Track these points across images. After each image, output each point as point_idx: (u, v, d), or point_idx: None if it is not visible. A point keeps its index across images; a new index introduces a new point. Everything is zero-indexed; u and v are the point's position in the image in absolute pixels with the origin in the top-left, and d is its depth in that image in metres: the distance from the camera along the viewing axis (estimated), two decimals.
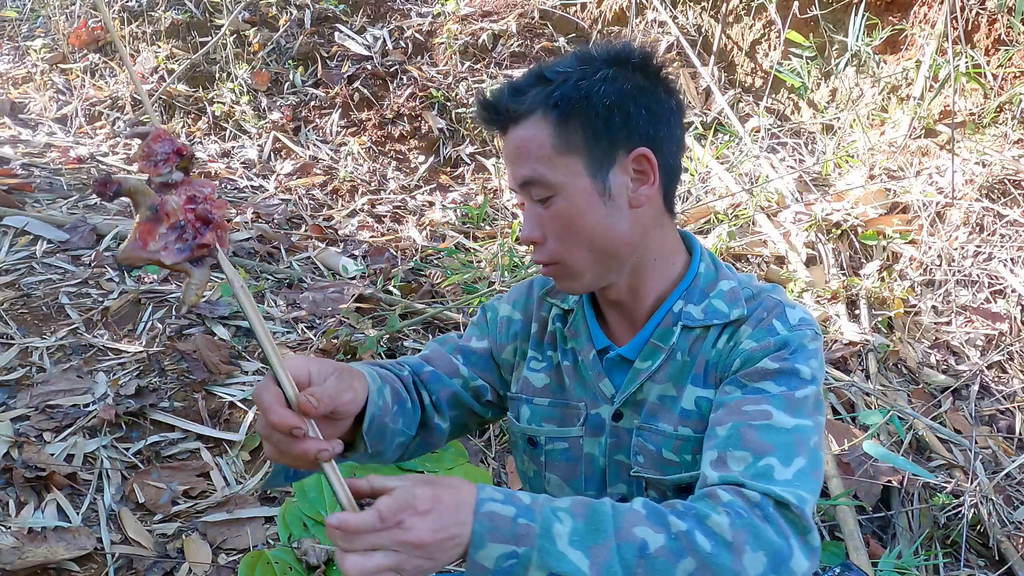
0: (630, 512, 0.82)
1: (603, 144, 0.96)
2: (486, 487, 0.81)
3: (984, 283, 3.10)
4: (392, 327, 2.41)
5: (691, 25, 4.56)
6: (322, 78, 4.47)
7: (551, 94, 0.96)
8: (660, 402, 1.03)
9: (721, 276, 1.06)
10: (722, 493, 0.85)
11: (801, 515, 0.85)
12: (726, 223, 3.33)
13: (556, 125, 0.96)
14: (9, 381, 2.01)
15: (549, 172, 0.97)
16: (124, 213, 3.19)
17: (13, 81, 4.62)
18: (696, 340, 1.02)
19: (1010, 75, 3.49)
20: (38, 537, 1.61)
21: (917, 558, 1.93)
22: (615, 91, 0.96)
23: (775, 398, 0.93)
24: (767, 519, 0.83)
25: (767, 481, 0.86)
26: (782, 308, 1.00)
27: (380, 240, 3.36)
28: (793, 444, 0.90)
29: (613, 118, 0.96)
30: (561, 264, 1.01)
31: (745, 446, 0.89)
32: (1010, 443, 2.53)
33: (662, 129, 0.99)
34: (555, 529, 0.78)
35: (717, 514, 0.82)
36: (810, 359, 0.96)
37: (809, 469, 0.89)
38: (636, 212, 0.99)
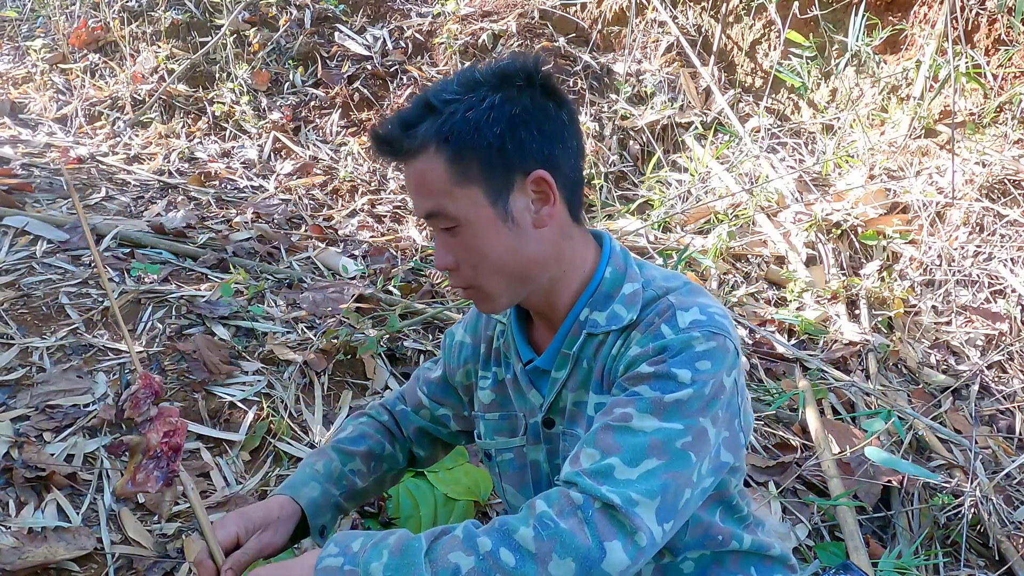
0: (450, 539, 0.89)
1: (499, 171, 0.97)
2: (331, 543, 0.93)
3: (984, 283, 3.10)
4: (392, 327, 2.41)
5: (691, 25, 4.56)
6: (322, 78, 4.47)
7: (441, 128, 0.96)
8: (576, 408, 1.07)
9: (628, 278, 1.06)
10: (540, 502, 0.89)
11: (627, 516, 0.86)
12: (726, 223, 3.33)
13: (450, 159, 0.96)
14: (9, 381, 2.01)
15: (450, 205, 0.98)
16: (124, 213, 3.19)
17: (13, 81, 4.62)
18: (599, 346, 1.05)
19: (1010, 75, 3.49)
20: (38, 537, 1.61)
21: (917, 558, 1.93)
22: (504, 118, 0.96)
23: (642, 401, 0.94)
24: (585, 521, 0.86)
25: (602, 480, 0.89)
26: (673, 311, 0.99)
27: (380, 240, 3.36)
28: (645, 447, 0.91)
29: (506, 146, 0.96)
30: (476, 288, 1.04)
31: (596, 445, 0.93)
32: (1010, 443, 2.53)
33: (556, 147, 1.00)
34: (372, 567, 0.88)
35: (525, 526, 0.86)
36: (695, 361, 0.95)
37: (660, 470, 0.90)
38: (541, 231, 1.01)
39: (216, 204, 3.47)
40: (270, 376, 2.21)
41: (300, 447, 2.02)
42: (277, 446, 2.01)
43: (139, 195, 3.46)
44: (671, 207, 3.64)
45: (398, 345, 2.49)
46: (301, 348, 2.34)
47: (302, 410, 2.15)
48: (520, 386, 1.14)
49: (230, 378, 2.17)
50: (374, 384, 2.33)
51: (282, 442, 2.02)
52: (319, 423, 2.12)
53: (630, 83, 4.44)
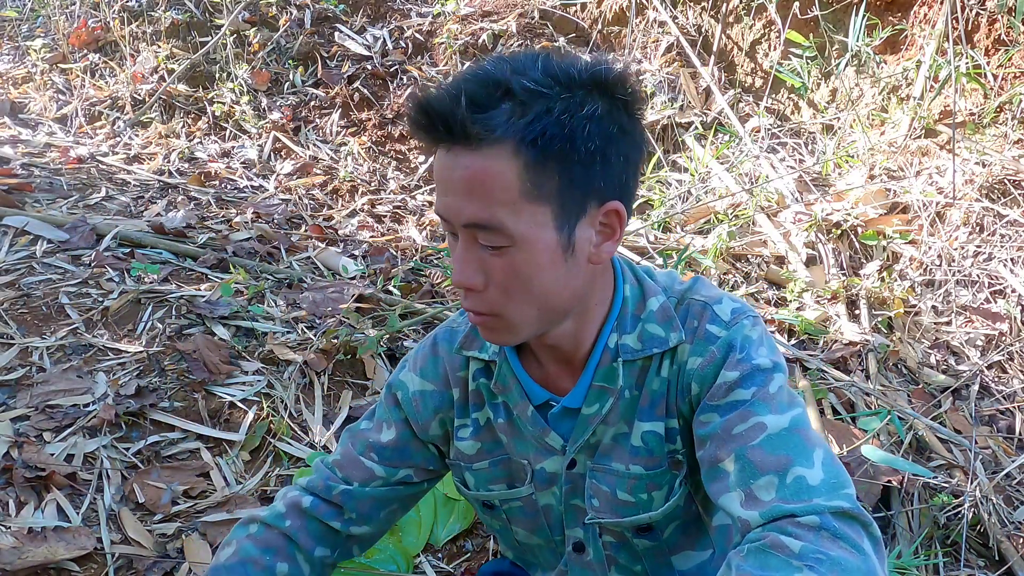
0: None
1: (577, 193, 0.82)
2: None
3: (984, 283, 3.10)
4: (392, 327, 2.41)
5: (691, 25, 4.56)
6: (322, 78, 4.47)
7: (529, 126, 0.78)
8: (614, 442, 0.98)
9: (647, 293, 0.97)
10: (784, 540, 0.76)
11: (858, 513, 0.79)
12: (726, 223, 3.33)
13: (530, 166, 0.79)
14: (9, 381, 2.01)
15: (511, 221, 0.81)
16: (124, 213, 3.19)
17: (13, 81, 4.62)
18: (640, 373, 0.95)
19: (1010, 75, 3.49)
20: (38, 537, 1.61)
21: (917, 558, 1.93)
22: (601, 134, 0.81)
23: (754, 404, 0.86)
24: (837, 537, 0.76)
25: (809, 495, 0.79)
26: (709, 309, 0.94)
27: (380, 240, 3.36)
28: (802, 441, 0.84)
29: (594, 166, 0.82)
30: (500, 317, 0.88)
31: (763, 470, 0.82)
32: (1010, 443, 2.53)
33: (633, 179, 0.88)
34: None
35: (801, 573, 0.74)
36: (760, 347, 0.91)
37: (828, 457, 0.83)
38: (596, 269, 0.90)
39: (216, 204, 3.47)
40: (270, 376, 2.21)
41: (300, 447, 2.02)
42: (277, 446, 2.01)
43: (139, 195, 3.46)
44: (671, 207, 3.64)
45: (398, 345, 2.49)
46: (301, 348, 2.34)
47: (302, 410, 2.16)
48: (523, 430, 1.00)
49: (230, 378, 2.17)
50: (374, 384, 2.33)
51: (282, 442, 2.02)
52: (319, 423, 2.12)
53: None
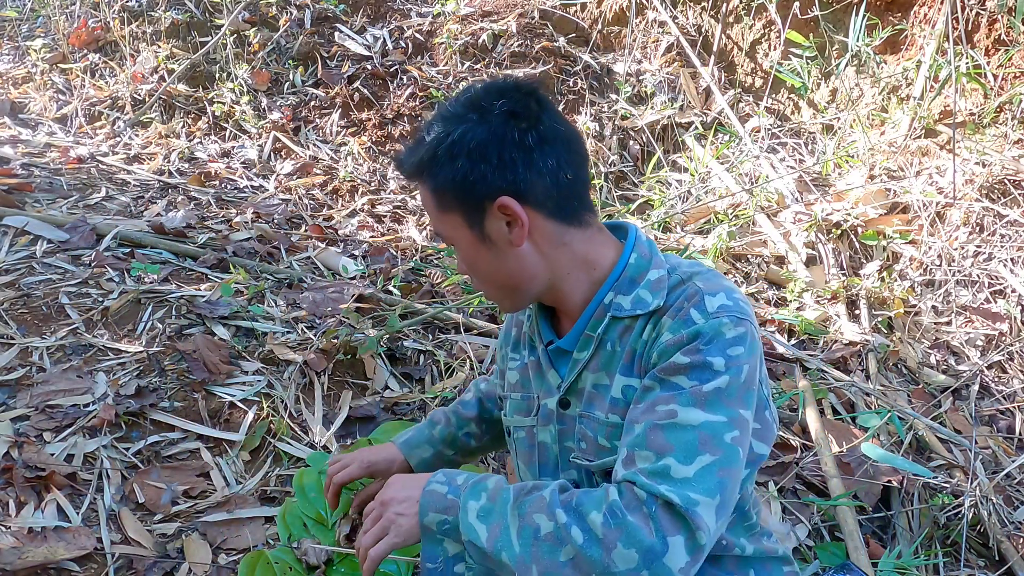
0: (537, 499, 0.98)
1: (470, 200, 1.05)
2: (440, 472, 1.07)
3: (984, 283, 3.10)
4: (392, 327, 2.41)
5: (691, 25, 4.56)
6: (322, 78, 4.47)
7: (421, 161, 1.05)
8: (595, 390, 1.10)
9: (653, 265, 1.10)
10: (612, 490, 0.95)
11: (687, 514, 0.90)
12: (726, 223, 3.33)
13: (432, 189, 1.06)
14: (9, 381, 2.01)
15: (441, 228, 1.11)
16: (124, 213, 3.19)
17: (13, 81, 4.62)
18: (625, 330, 1.07)
19: (1010, 75, 3.49)
20: (38, 537, 1.61)
21: (917, 558, 1.93)
22: (463, 152, 1.02)
23: (683, 394, 0.97)
24: (650, 517, 0.91)
25: (661, 480, 0.93)
26: (701, 296, 1.02)
27: (380, 240, 3.36)
28: (696, 442, 0.94)
29: (468, 177, 1.03)
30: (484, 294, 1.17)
31: (650, 446, 0.96)
32: (1010, 443, 2.53)
33: (520, 172, 1.03)
34: (469, 505, 1.00)
35: (597, 512, 0.93)
36: (727, 348, 0.98)
37: (716, 467, 0.94)
38: (520, 249, 1.07)
39: (216, 204, 3.47)
40: (270, 376, 2.21)
41: (300, 447, 2.02)
42: (277, 446, 2.01)
43: (139, 195, 3.46)
44: (671, 207, 3.64)
45: (398, 345, 2.48)
46: (301, 348, 2.34)
47: (302, 410, 2.15)
48: (541, 367, 1.19)
49: (230, 378, 2.17)
50: (374, 384, 2.33)
51: (282, 442, 2.02)
52: (319, 423, 2.12)
53: (630, 83, 4.44)
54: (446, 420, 1.49)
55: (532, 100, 1.05)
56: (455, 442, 1.47)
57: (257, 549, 1.66)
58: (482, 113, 1.03)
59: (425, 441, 1.46)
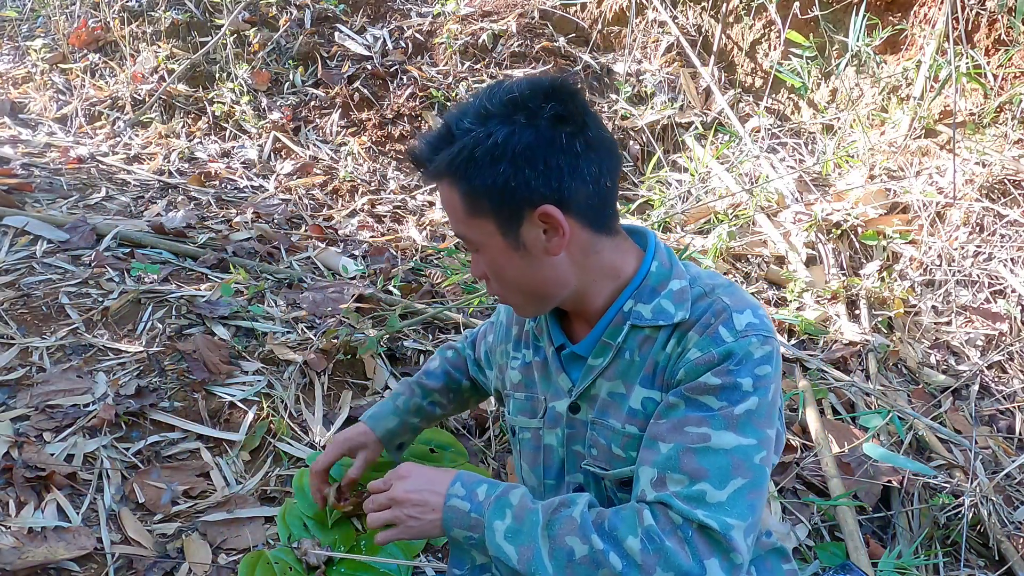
0: (567, 520, 0.97)
1: (508, 207, 1.00)
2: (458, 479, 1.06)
3: (984, 283, 3.10)
4: (392, 327, 2.41)
5: (691, 25, 4.56)
6: (322, 78, 4.47)
7: (453, 162, 0.98)
8: (611, 398, 1.09)
9: (674, 275, 1.08)
10: (647, 514, 0.95)
11: (724, 538, 0.91)
12: (726, 223, 3.33)
13: (464, 192, 1.00)
14: (9, 381, 2.01)
15: (467, 232, 1.05)
16: (124, 213, 3.19)
17: (13, 81, 4.62)
18: (645, 340, 1.06)
19: (1010, 75, 3.49)
20: (38, 537, 1.61)
21: (917, 558, 1.93)
22: (507, 156, 0.96)
23: (715, 417, 0.96)
24: (685, 541, 0.91)
25: (696, 505, 0.93)
26: (729, 313, 1.00)
27: (380, 240, 3.36)
28: (729, 467, 0.95)
29: (509, 184, 0.98)
30: (504, 298, 1.13)
31: (683, 469, 0.96)
32: (1010, 443, 2.53)
33: (565, 179, 0.99)
34: (495, 525, 1.00)
35: (633, 536, 0.93)
36: (756, 367, 0.98)
37: (746, 490, 0.95)
38: (556, 259, 1.04)
39: (216, 204, 3.47)
40: (270, 376, 2.21)
41: (300, 447, 2.02)
42: (277, 446, 2.01)
43: (139, 195, 3.46)
44: (671, 207, 3.64)
45: (398, 345, 2.48)
46: (301, 348, 2.34)
47: (302, 410, 2.15)
48: (548, 370, 1.17)
49: (230, 378, 2.17)
50: (374, 384, 2.33)
51: (282, 442, 2.02)
52: (319, 423, 2.12)
53: (630, 83, 4.44)
54: (409, 391, 1.52)
55: (579, 103, 1.00)
56: (420, 411, 1.51)
57: (257, 549, 1.66)
58: (529, 115, 0.97)
59: (390, 412, 1.50)
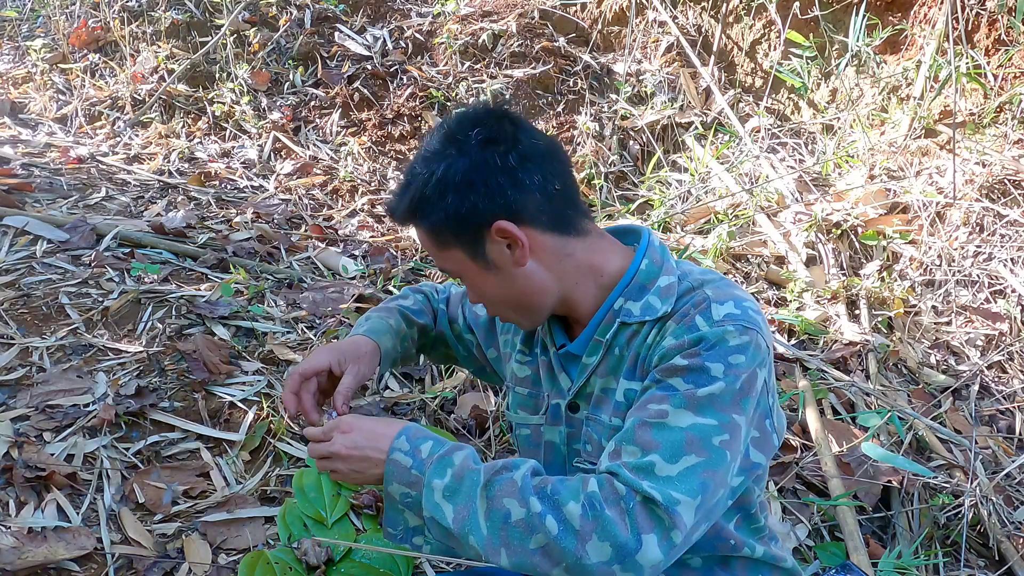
0: (508, 483, 0.96)
1: (466, 231, 1.06)
2: (404, 434, 1.03)
3: (984, 283, 3.10)
4: None
5: (691, 25, 4.56)
6: (322, 78, 4.47)
7: (411, 204, 1.07)
8: (603, 394, 1.11)
9: (664, 271, 1.10)
10: (592, 481, 0.94)
11: (667, 512, 0.90)
12: (726, 223, 3.33)
13: (428, 230, 1.08)
14: (9, 381, 2.01)
15: (445, 264, 1.12)
16: (124, 213, 3.19)
17: (13, 81, 4.62)
18: (633, 336, 1.08)
19: (1010, 75, 3.49)
20: (38, 537, 1.61)
21: (917, 558, 1.93)
22: (451, 185, 1.03)
23: (677, 396, 0.97)
24: (627, 512, 0.91)
25: (644, 476, 0.93)
26: (708, 303, 1.02)
27: (380, 240, 3.36)
28: (683, 443, 0.95)
29: (460, 210, 1.04)
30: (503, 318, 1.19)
31: (636, 441, 0.97)
32: (1010, 443, 2.53)
33: (509, 193, 1.04)
34: (434, 483, 0.97)
35: (575, 502, 0.92)
36: (729, 355, 0.98)
37: (700, 468, 0.94)
38: (526, 269, 1.08)
39: (216, 204, 3.47)
40: (270, 376, 2.21)
41: (300, 447, 2.02)
42: (277, 446, 2.01)
43: (139, 195, 3.46)
44: (671, 207, 3.64)
45: None
46: (301, 348, 2.34)
47: None
48: (552, 370, 1.20)
49: (230, 378, 2.17)
50: (374, 384, 2.33)
51: (282, 442, 2.02)
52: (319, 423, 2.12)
53: (630, 83, 4.44)
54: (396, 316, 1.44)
55: (505, 122, 1.06)
56: (404, 340, 1.43)
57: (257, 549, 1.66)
58: (460, 146, 1.04)
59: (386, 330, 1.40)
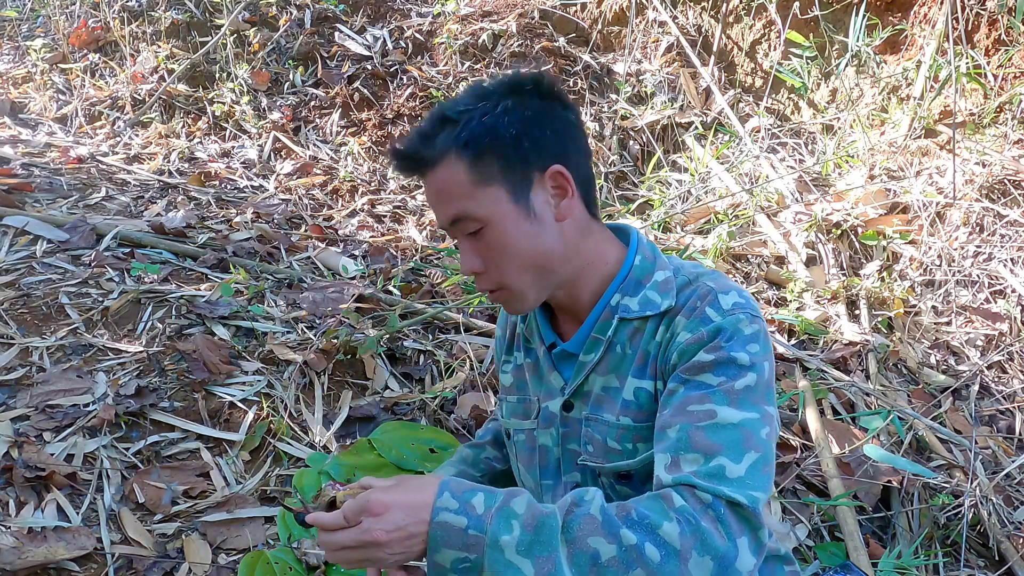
0: (586, 519, 0.86)
1: (518, 169, 1.02)
2: (445, 491, 0.88)
3: (984, 283, 3.10)
4: (392, 327, 2.41)
5: (691, 25, 4.56)
6: (322, 78, 4.47)
7: (459, 135, 1.00)
8: (604, 393, 1.08)
9: (658, 267, 1.09)
10: (675, 496, 0.88)
11: (753, 513, 0.88)
12: (726, 223, 3.33)
13: (470, 162, 1.01)
14: (9, 381, 2.01)
15: (473, 206, 1.02)
16: (124, 213, 3.19)
17: (13, 81, 4.62)
18: (635, 332, 1.06)
19: (1010, 75, 3.49)
20: (38, 537, 1.61)
21: (917, 558, 1.93)
22: (518, 119, 1.01)
23: (716, 393, 0.95)
24: (718, 520, 0.86)
25: (719, 481, 0.89)
26: (714, 295, 1.02)
27: (380, 240, 3.36)
28: (741, 440, 0.92)
29: (522, 144, 1.01)
30: (505, 288, 1.07)
31: (695, 448, 0.92)
32: (1010, 443, 2.53)
33: (569, 145, 1.05)
34: (503, 540, 0.84)
35: (668, 522, 0.85)
36: (748, 344, 0.97)
37: (761, 463, 0.92)
38: (562, 225, 1.05)
39: (216, 204, 3.47)
40: (270, 376, 2.21)
41: (300, 447, 2.02)
42: (277, 446, 2.01)
43: (139, 195, 3.46)
44: (671, 207, 3.64)
45: (398, 345, 2.48)
46: (301, 348, 2.34)
47: (302, 410, 2.15)
48: (539, 369, 1.16)
49: (230, 378, 2.17)
50: (374, 384, 2.33)
51: (282, 442, 2.02)
52: (319, 423, 2.12)
53: (630, 83, 4.44)
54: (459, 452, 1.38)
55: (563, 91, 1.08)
56: (478, 463, 1.34)
57: (257, 549, 1.66)
58: (528, 92, 1.03)
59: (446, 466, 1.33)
